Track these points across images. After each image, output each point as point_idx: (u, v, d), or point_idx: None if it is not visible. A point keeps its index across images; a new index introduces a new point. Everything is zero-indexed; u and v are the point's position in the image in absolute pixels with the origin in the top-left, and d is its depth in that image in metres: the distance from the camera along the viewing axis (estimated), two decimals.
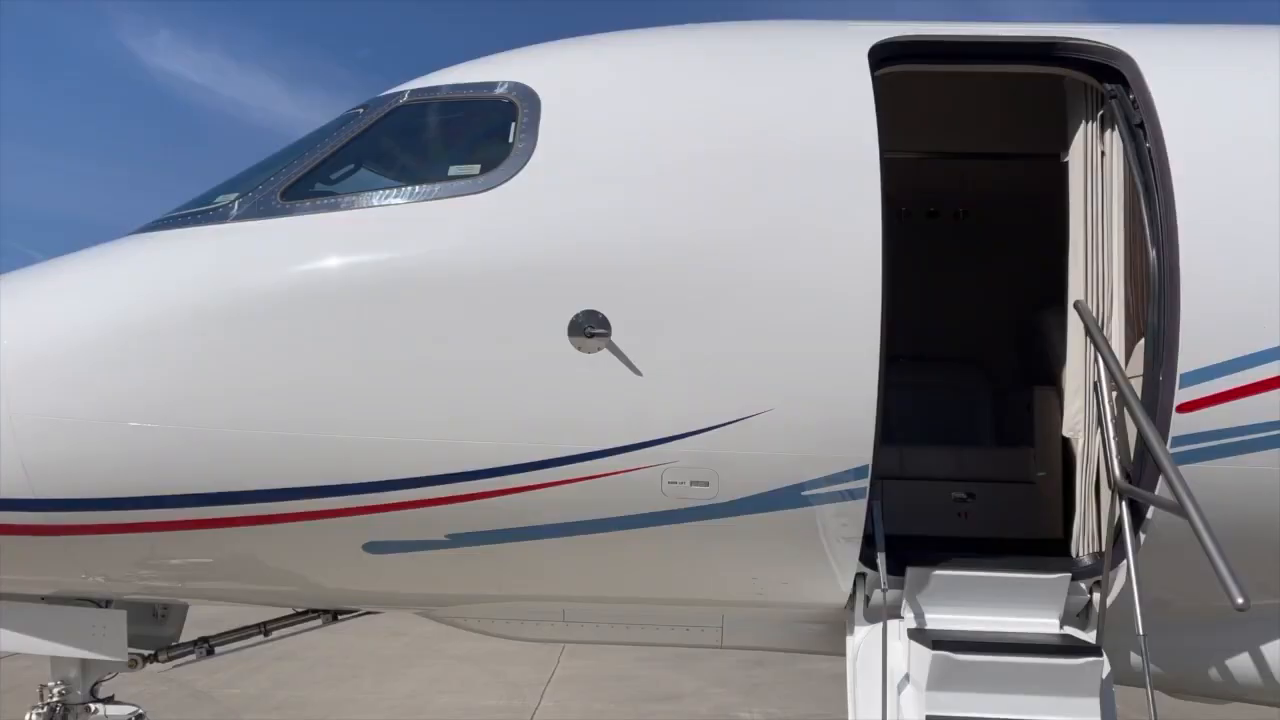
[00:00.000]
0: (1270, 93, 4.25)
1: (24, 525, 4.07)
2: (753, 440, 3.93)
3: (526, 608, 4.62)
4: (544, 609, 4.63)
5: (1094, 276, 4.43)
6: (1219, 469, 3.98)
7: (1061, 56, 4.40)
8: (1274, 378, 3.91)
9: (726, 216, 3.99)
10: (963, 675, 3.89)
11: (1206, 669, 4.45)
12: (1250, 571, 4.11)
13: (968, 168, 6.18)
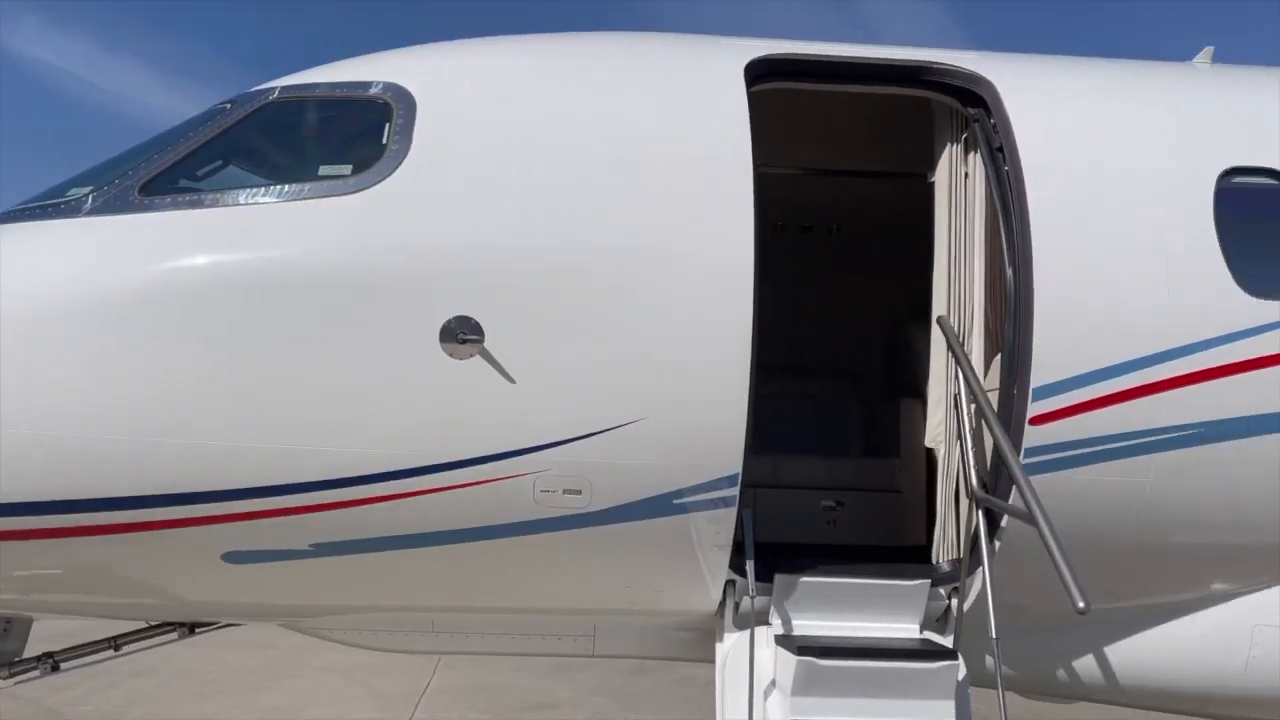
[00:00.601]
0: (1119, 122, 4.49)
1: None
2: (625, 449, 3.94)
3: (394, 618, 4.53)
4: (412, 619, 4.54)
5: (957, 293, 4.60)
6: (1068, 479, 4.17)
7: (928, 80, 4.56)
8: (1119, 392, 4.12)
9: (601, 225, 4.00)
10: (826, 680, 3.97)
11: (1056, 670, 4.65)
12: (1098, 576, 4.33)
13: (842, 185, 6.35)
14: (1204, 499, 4.23)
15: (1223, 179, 4.31)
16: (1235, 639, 4.44)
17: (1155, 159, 4.36)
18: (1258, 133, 4.49)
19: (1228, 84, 4.82)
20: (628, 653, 4.86)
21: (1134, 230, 4.22)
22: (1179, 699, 4.70)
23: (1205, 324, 4.12)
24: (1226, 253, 4.19)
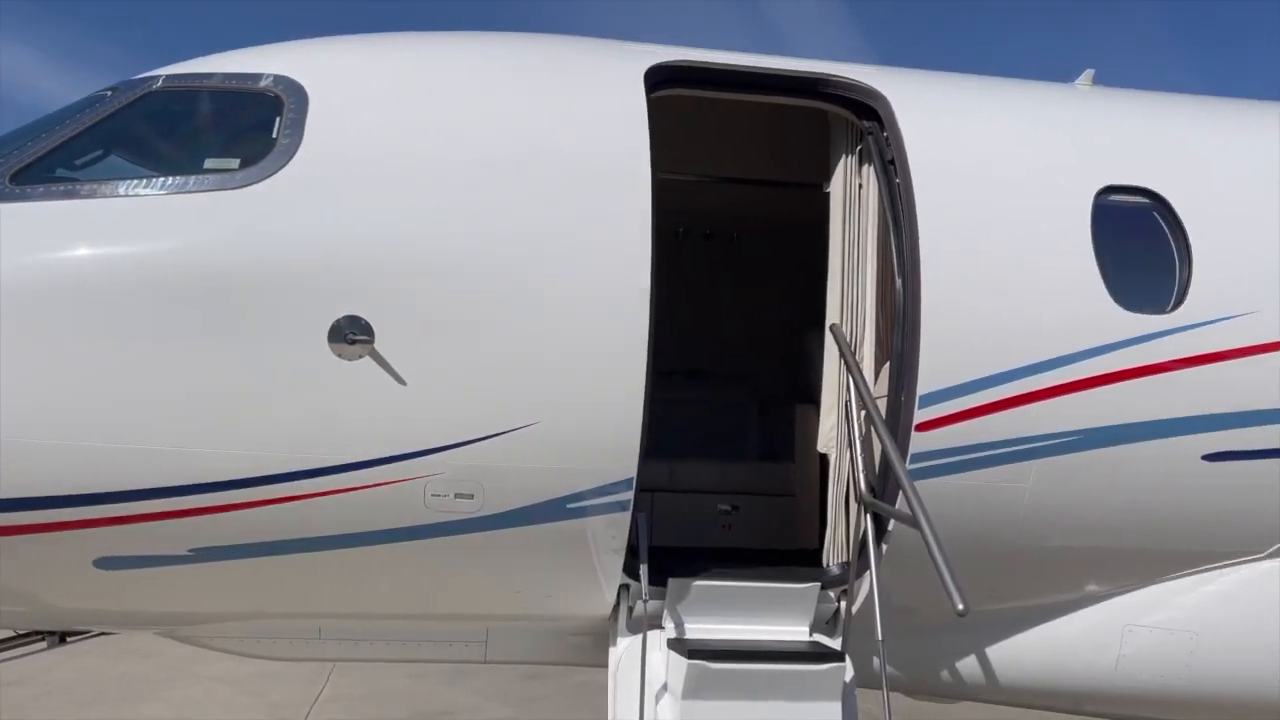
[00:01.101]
0: (1005, 139, 4.64)
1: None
2: (519, 453, 3.91)
3: (278, 626, 4.41)
4: (298, 627, 4.43)
5: (850, 302, 4.69)
6: (953, 484, 4.28)
7: (824, 92, 4.65)
8: (1001, 400, 4.25)
9: (497, 227, 3.97)
10: (716, 683, 4.00)
11: (940, 671, 4.77)
12: (980, 579, 4.46)
13: (743, 193, 6.41)
14: (1079, 504, 4.40)
15: (1100, 196, 4.49)
16: (1107, 639, 4.61)
17: (1038, 176, 4.52)
18: (1133, 153, 4.69)
19: (1107, 105, 5.02)
20: (521, 658, 4.82)
21: (1017, 244, 4.36)
22: (1055, 697, 4.87)
23: (1082, 336, 4.28)
24: (1103, 268, 4.36)
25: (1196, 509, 4.47)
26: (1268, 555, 4.56)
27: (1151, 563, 4.57)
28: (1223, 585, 4.58)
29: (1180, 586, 4.59)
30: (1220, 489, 4.42)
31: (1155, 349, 4.31)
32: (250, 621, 4.36)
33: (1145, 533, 4.51)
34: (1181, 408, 4.34)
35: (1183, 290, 4.42)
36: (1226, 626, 4.60)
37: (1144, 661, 4.62)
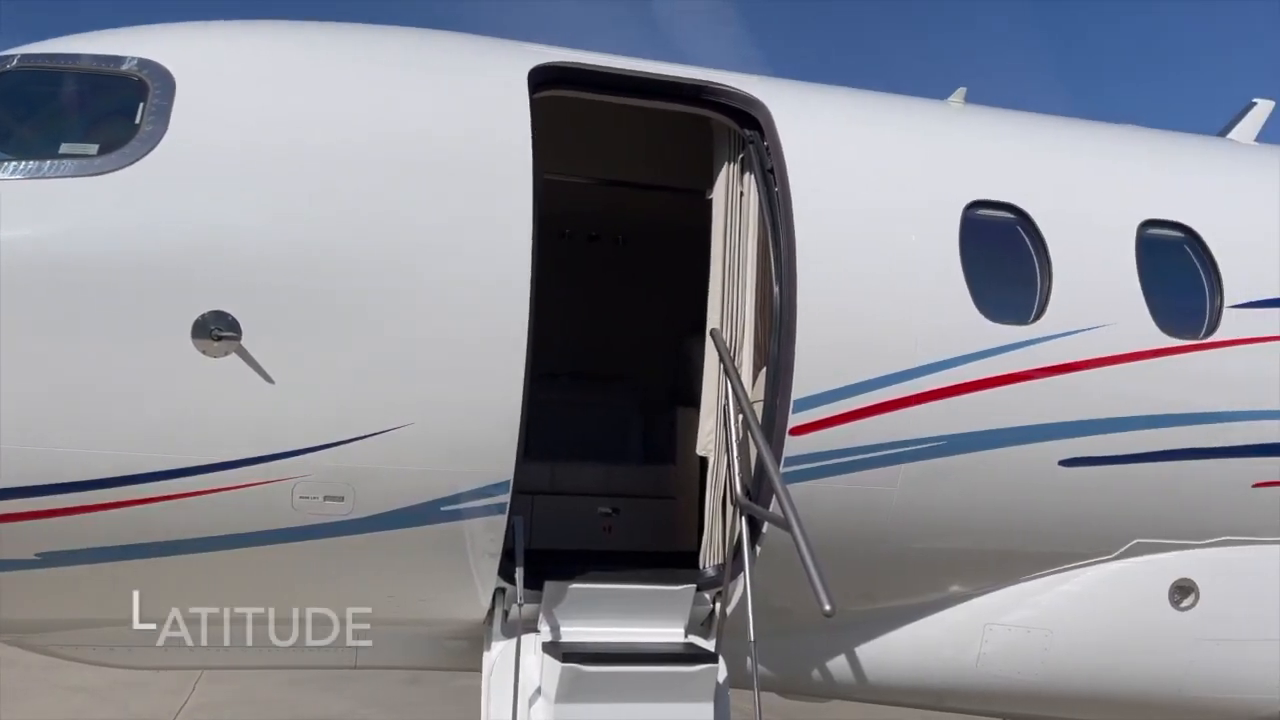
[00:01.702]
0: (881, 151, 4.77)
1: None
2: (392, 454, 3.84)
3: (137, 632, 4.22)
4: (157, 633, 4.25)
5: (730, 307, 4.75)
6: (825, 487, 4.38)
7: (707, 100, 4.70)
8: (872, 406, 4.37)
9: (373, 223, 3.89)
10: (590, 686, 4.00)
11: (811, 670, 4.87)
12: (852, 580, 4.57)
13: (629, 196, 6.44)
14: (944, 507, 4.55)
15: (968, 210, 4.65)
16: (969, 637, 4.78)
17: (910, 188, 4.66)
18: (1000, 170, 4.88)
19: (977, 123, 5.22)
20: (394, 663, 4.74)
21: (889, 254, 4.49)
22: (920, 694, 5.03)
23: (949, 345, 4.43)
24: (969, 279, 4.52)
25: (1053, 512, 4.67)
26: (1117, 556, 4.79)
27: (1011, 564, 4.76)
28: (1076, 585, 4.80)
29: (1037, 586, 4.78)
30: (1075, 493, 4.63)
31: (1017, 358, 4.49)
32: (106, 628, 4.16)
33: (1005, 535, 4.69)
34: (1040, 415, 4.53)
35: (1043, 303, 4.61)
36: (1079, 624, 4.82)
37: (1002, 658, 4.80)
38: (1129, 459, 4.64)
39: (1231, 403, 4.76)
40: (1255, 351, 4.84)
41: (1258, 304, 4.90)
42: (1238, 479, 4.79)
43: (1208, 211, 5.04)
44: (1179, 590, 4.82)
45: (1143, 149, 5.48)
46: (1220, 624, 4.85)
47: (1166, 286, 4.79)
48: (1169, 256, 4.91)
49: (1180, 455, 4.71)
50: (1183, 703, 4.97)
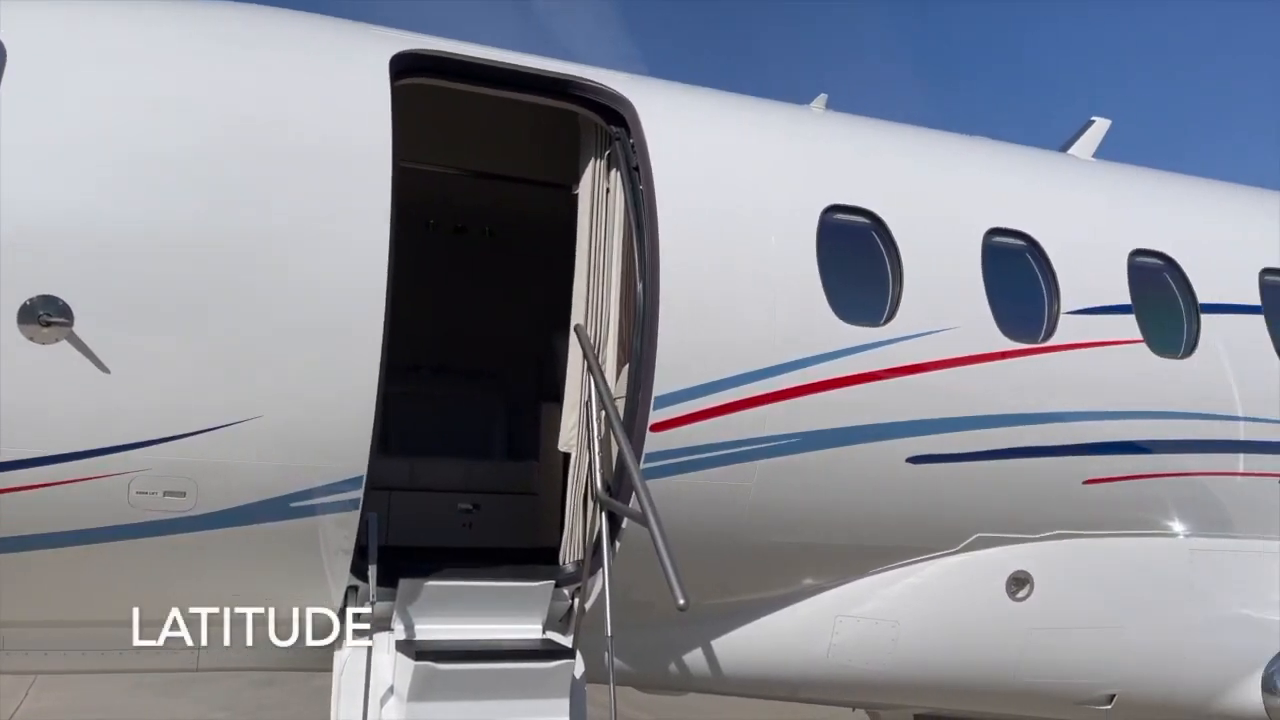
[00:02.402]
0: (743, 153, 4.85)
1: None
2: (238, 448, 3.70)
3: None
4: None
5: (595, 303, 4.76)
6: (684, 483, 4.43)
7: (574, 95, 4.69)
8: (731, 403, 4.44)
9: (220, 208, 3.74)
10: (444, 684, 3.95)
11: (669, 664, 4.92)
12: (711, 574, 4.65)
13: (497, 189, 6.38)
14: (798, 502, 4.66)
15: (825, 214, 4.78)
16: (820, 628, 4.91)
17: (771, 191, 4.75)
18: (856, 175, 5.03)
19: (836, 129, 5.37)
20: (240, 664, 4.57)
21: (749, 255, 4.57)
22: (774, 685, 5.14)
23: (805, 344, 4.54)
24: (825, 281, 4.64)
25: (901, 507, 4.85)
26: (960, 549, 5.00)
27: (861, 557, 4.91)
28: (921, 577, 4.99)
29: (886, 579, 4.95)
30: (922, 489, 4.81)
31: (868, 359, 4.64)
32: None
33: (856, 529, 4.84)
34: (890, 414, 4.70)
35: (894, 305, 4.77)
36: (924, 615, 5.01)
37: (852, 649, 4.95)
38: (971, 456, 4.85)
39: (1066, 404, 5.03)
40: (1088, 355, 5.12)
41: (1091, 311, 5.19)
42: (1070, 476, 5.06)
43: (1048, 222, 5.31)
44: (1015, 582, 5.06)
45: (990, 160, 5.74)
46: (1052, 614, 5.11)
47: (1009, 292, 5.02)
48: (1012, 264, 5.15)
49: (1019, 453, 4.95)
50: (1017, 689, 5.22)
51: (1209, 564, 5.40)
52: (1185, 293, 5.44)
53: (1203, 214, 6.02)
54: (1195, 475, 5.31)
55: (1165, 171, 6.33)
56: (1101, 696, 5.32)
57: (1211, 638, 5.44)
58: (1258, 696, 5.46)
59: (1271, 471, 5.42)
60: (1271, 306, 5.57)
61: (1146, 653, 5.30)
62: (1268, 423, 5.38)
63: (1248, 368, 5.40)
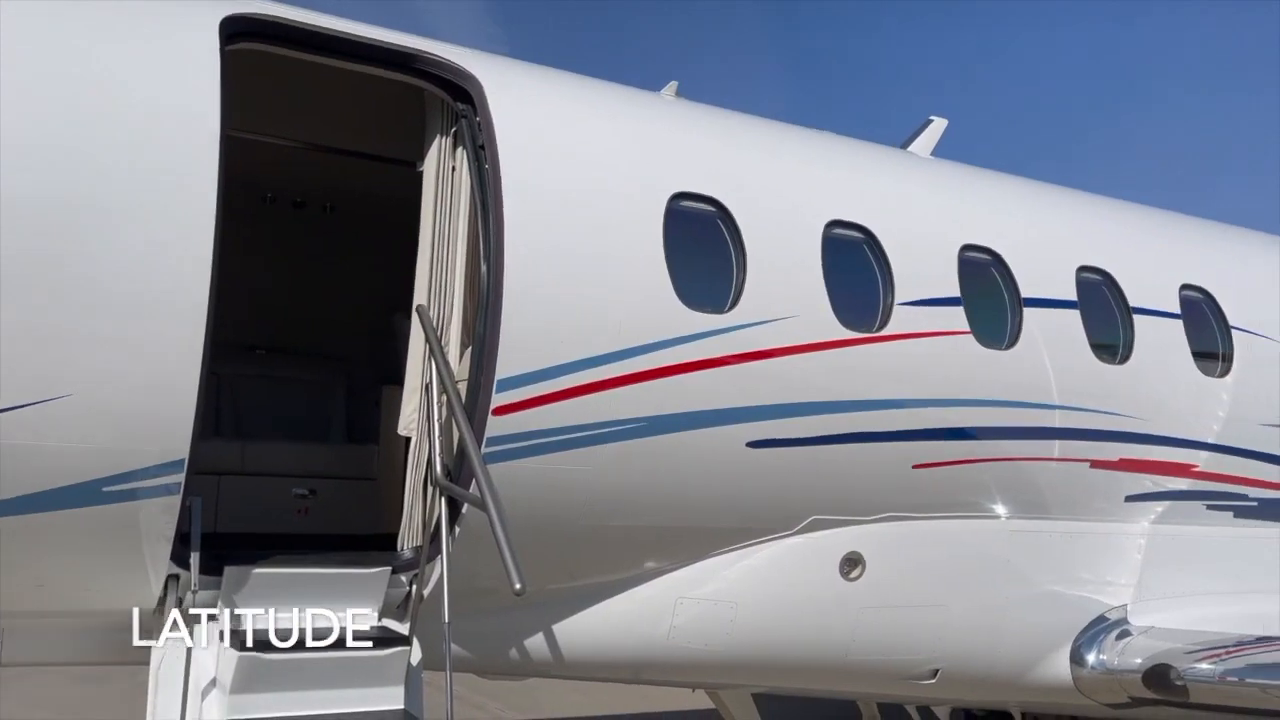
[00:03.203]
0: (592, 137, 4.83)
1: None
2: (44, 429, 3.46)
3: None
4: None
5: (439, 283, 4.66)
6: (526, 467, 4.40)
7: (418, 69, 4.57)
8: (574, 387, 4.43)
9: (27, 175, 3.47)
10: (270, 674, 3.81)
11: (509, 649, 4.88)
12: (554, 559, 4.63)
13: (340, 163, 6.17)
14: (641, 486, 4.70)
15: (672, 201, 4.81)
16: (661, 610, 4.96)
17: (619, 176, 4.75)
18: (704, 163, 5.08)
19: (685, 117, 5.41)
20: (49, 659, 4.33)
21: (595, 239, 4.56)
22: (616, 668, 5.17)
23: (649, 330, 4.57)
24: (671, 267, 4.67)
25: (741, 491, 4.94)
26: (797, 531, 5.13)
27: (701, 540, 4.99)
28: (759, 559, 5.10)
29: (725, 561, 5.04)
30: (761, 473, 4.92)
31: (712, 345, 4.70)
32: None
33: (698, 512, 4.91)
34: (732, 399, 4.78)
35: (738, 293, 4.85)
36: (761, 596, 5.13)
37: (692, 631, 5.03)
38: (809, 441, 4.99)
39: (898, 391, 5.23)
40: (920, 345, 5.33)
41: (924, 302, 5.40)
42: (901, 461, 5.26)
43: (885, 216, 5.50)
44: (848, 562, 5.23)
45: (834, 154, 5.90)
46: (882, 593, 5.31)
47: (847, 283, 5.18)
48: (850, 255, 5.31)
49: (853, 439, 5.11)
50: (848, 666, 5.41)
51: (1026, 544, 5.72)
52: (1009, 287, 5.72)
53: (1028, 213, 6.36)
54: (1015, 460, 5.60)
55: (996, 171, 6.64)
56: (926, 671, 5.57)
57: (1027, 614, 5.76)
58: (1067, 668, 5.82)
59: (1082, 457, 5.78)
60: (1086, 302, 5.92)
61: (968, 629, 5.57)
62: (1080, 411, 5.73)
63: (1063, 359, 5.73)
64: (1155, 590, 6.05)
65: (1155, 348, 6.08)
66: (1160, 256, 6.58)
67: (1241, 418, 6.29)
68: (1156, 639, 5.77)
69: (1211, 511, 6.29)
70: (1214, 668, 5.54)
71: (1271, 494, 6.46)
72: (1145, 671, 5.60)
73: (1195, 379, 6.23)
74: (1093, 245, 6.21)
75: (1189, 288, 6.38)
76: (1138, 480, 5.99)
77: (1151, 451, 6.00)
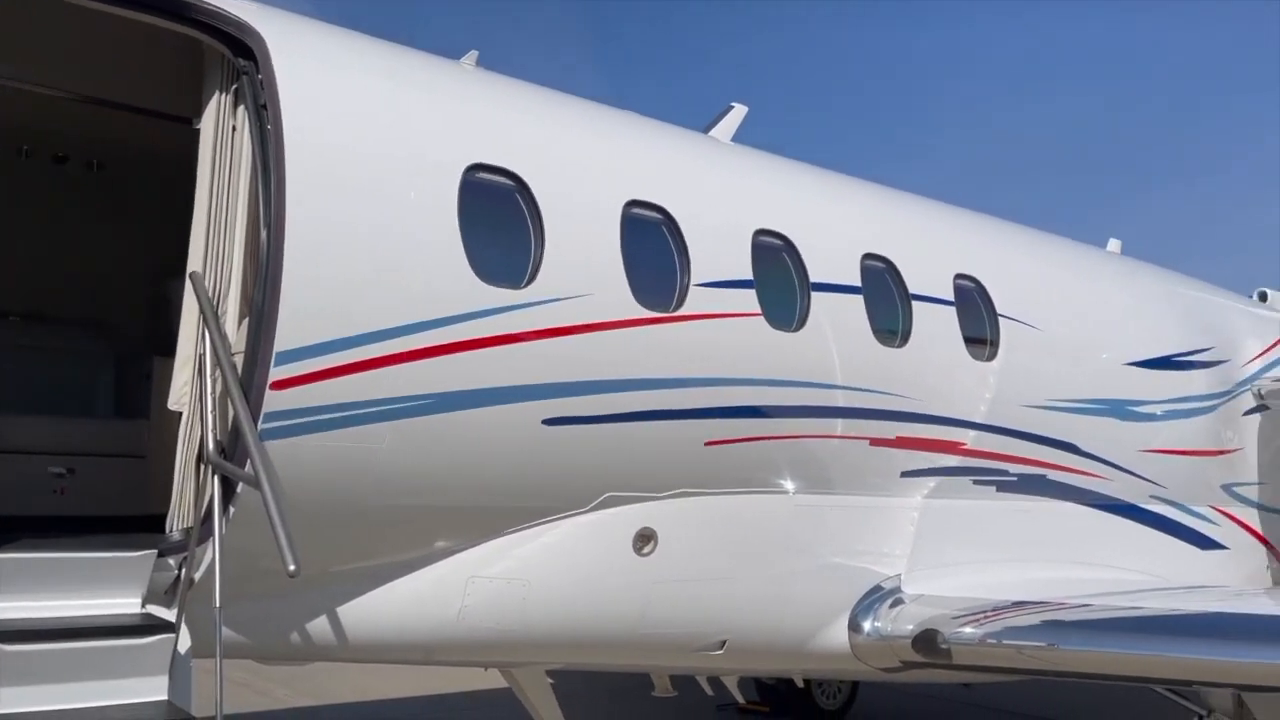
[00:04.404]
0: (386, 104, 4.65)
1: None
2: None
3: None
4: None
5: (216, 250, 4.38)
6: (310, 444, 4.21)
7: (195, 19, 4.27)
8: (362, 361, 4.26)
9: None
10: (15, 668, 3.51)
11: (290, 634, 4.67)
12: (339, 539, 4.46)
13: (109, 116, 5.69)
14: (432, 465, 4.58)
15: (469, 173, 4.70)
16: (452, 590, 4.87)
17: (411, 144, 4.60)
18: (502, 135, 4.99)
19: (485, 87, 5.29)
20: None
21: (385, 208, 4.40)
22: (406, 650, 5.04)
23: (442, 304, 4.45)
24: (466, 240, 4.57)
25: (535, 469, 4.91)
26: (591, 508, 5.15)
27: (495, 518, 4.92)
28: (553, 537, 5.08)
29: (518, 539, 4.99)
30: (556, 451, 4.90)
31: (508, 321, 4.64)
32: None
33: (491, 491, 4.85)
34: (527, 376, 4.73)
35: (535, 269, 4.80)
36: (555, 574, 5.12)
37: (484, 610, 4.96)
38: (604, 419, 5.01)
39: (691, 370, 5.32)
40: (714, 325, 5.45)
41: (718, 284, 5.52)
42: (694, 438, 5.37)
43: (685, 198, 5.57)
44: (641, 538, 5.29)
45: (636, 134, 5.93)
46: (673, 567, 5.41)
47: (644, 262, 5.22)
48: (648, 235, 5.35)
49: (648, 416, 5.17)
50: (640, 640, 5.49)
51: (810, 518, 5.96)
52: (799, 271, 5.93)
53: (819, 200, 6.60)
54: (801, 438, 5.82)
55: (792, 159, 6.86)
56: (715, 643, 5.73)
57: (810, 585, 6.01)
58: (845, 635, 6.12)
59: (863, 435, 6.07)
60: (869, 287, 6.21)
61: (754, 601, 5.77)
62: (861, 391, 6.01)
63: (847, 342, 6.00)
64: (927, 560, 6.44)
65: (931, 333, 6.45)
66: (937, 246, 6.98)
67: (1005, 399, 6.77)
68: (926, 606, 6.14)
69: (978, 486, 6.75)
70: (976, 631, 5.94)
71: (1030, 469, 7.00)
72: (914, 637, 5.95)
73: (966, 363, 6.65)
74: (877, 234, 6.52)
75: (962, 277, 6.80)
76: (912, 457, 6.34)
77: (925, 430, 6.37)
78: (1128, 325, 8.04)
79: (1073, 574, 6.94)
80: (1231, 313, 9.29)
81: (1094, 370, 7.50)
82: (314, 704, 9.69)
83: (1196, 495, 8.24)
